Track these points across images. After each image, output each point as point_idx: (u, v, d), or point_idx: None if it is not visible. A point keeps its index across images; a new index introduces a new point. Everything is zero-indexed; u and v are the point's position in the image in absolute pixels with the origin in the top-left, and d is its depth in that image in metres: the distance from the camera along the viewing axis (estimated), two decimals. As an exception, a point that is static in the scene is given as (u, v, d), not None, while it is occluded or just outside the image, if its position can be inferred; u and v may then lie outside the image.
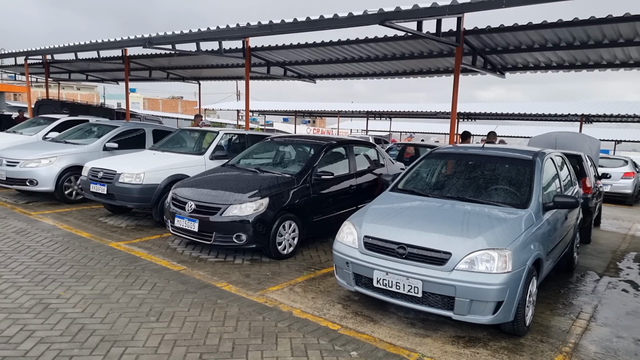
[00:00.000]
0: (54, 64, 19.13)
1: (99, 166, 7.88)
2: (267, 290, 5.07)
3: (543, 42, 8.88)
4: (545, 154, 5.42)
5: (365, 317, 4.49)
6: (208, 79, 18.02)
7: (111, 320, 4.15)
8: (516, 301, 3.93)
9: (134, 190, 7.36)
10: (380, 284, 4.21)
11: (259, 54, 12.09)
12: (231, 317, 4.33)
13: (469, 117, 26.27)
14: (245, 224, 5.83)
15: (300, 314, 4.48)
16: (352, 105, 27.12)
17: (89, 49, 12.01)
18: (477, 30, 8.55)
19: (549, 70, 10.58)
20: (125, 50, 14.89)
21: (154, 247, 6.55)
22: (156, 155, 8.39)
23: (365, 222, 4.57)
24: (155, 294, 4.78)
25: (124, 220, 8.10)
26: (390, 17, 6.32)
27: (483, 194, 4.90)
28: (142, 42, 9.63)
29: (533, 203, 4.59)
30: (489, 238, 4.01)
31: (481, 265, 3.87)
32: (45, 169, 8.86)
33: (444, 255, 3.96)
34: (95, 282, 5.04)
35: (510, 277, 3.84)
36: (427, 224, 4.34)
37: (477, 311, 3.87)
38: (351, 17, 6.45)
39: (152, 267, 5.62)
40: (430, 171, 5.68)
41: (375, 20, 6.35)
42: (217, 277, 5.44)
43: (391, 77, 12.93)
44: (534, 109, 22.50)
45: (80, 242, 6.51)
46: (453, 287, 3.86)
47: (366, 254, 4.35)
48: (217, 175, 6.79)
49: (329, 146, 7.16)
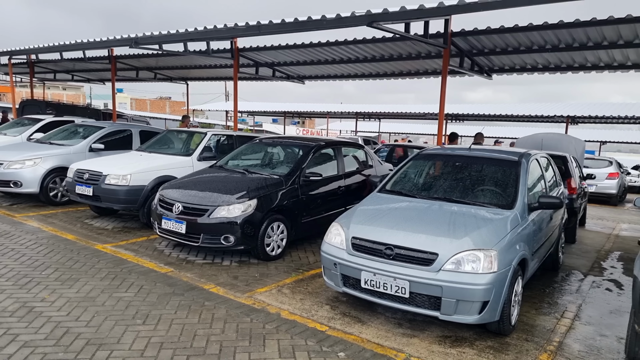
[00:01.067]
0: (39, 64, 18.91)
1: (84, 167, 7.80)
2: (255, 292, 5.06)
3: (529, 44, 8.98)
4: (531, 155, 5.48)
5: (353, 317, 4.51)
6: (196, 79, 17.93)
7: (96, 323, 4.11)
8: (502, 301, 3.97)
9: (121, 191, 7.30)
10: (368, 284, 4.23)
11: (247, 54, 12.07)
12: (219, 319, 4.31)
13: (457, 118, 26.47)
14: (233, 226, 5.81)
15: (289, 315, 4.47)
16: (341, 106, 27.18)
17: (75, 49, 11.89)
18: (464, 32, 8.62)
19: (535, 72, 10.70)
20: (112, 50, 14.77)
21: (140, 249, 6.50)
22: (143, 156, 8.32)
23: (353, 224, 4.58)
24: (141, 297, 4.75)
25: (110, 222, 8.03)
26: (378, 19, 6.35)
27: (470, 195, 4.94)
28: (129, 42, 9.55)
29: (519, 204, 4.64)
30: (475, 238, 4.04)
31: (467, 266, 3.91)
32: (30, 170, 8.74)
33: (431, 256, 3.98)
34: (81, 284, 4.99)
35: (496, 277, 3.88)
36: (414, 225, 4.37)
37: (463, 311, 3.90)
38: (339, 19, 6.46)
39: (138, 270, 5.58)
40: (417, 172, 5.71)
41: (363, 21, 6.38)
42: (204, 279, 5.41)
43: (380, 78, 12.98)
44: (521, 110, 22.78)
45: (65, 245, 6.43)
46: (440, 288, 3.89)
47: (354, 255, 4.36)
48: (205, 177, 6.77)
49: (318, 147, 7.16)
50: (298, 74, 13.85)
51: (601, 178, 15.07)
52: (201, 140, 8.52)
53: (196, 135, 8.84)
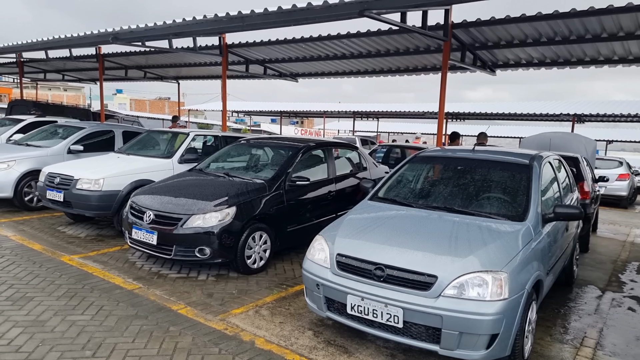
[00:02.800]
0: (28, 64, 18.32)
1: (55, 171, 7.20)
2: (230, 314, 4.45)
3: (537, 36, 8.34)
4: (543, 158, 4.85)
5: (339, 347, 3.89)
6: (187, 78, 17.32)
7: (39, 355, 3.50)
8: (513, 332, 3.35)
9: (93, 197, 6.69)
10: (354, 310, 3.61)
11: (236, 50, 11.45)
12: (182, 349, 3.70)
13: (457, 117, 25.80)
14: (210, 236, 5.21)
15: (264, 344, 3.86)
16: (338, 106, 26.52)
17: (58, 46, 11.27)
18: (466, 24, 7.99)
19: (542, 66, 10.06)
20: (99, 49, 14.19)
21: (110, 260, 5.90)
22: (120, 158, 7.72)
23: (338, 237, 3.96)
24: (98, 320, 4.14)
25: (84, 229, 7.43)
26: (371, 7, 5.72)
27: (474, 204, 4.32)
28: (108, 36, 8.93)
29: (531, 215, 4.01)
30: (481, 258, 3.42)
31: (472, 291, 3.29)
32: (3, 173, 8.16)
33: (429, 279, 3.36)
34: (33, 305, 4.39)
35: (507, 305, 3.26)
36: (409, 240, 3.75)
37: (467, 345, 3.28)
38: (327, 7, 5.83)
39: (102, 286, 4.97)
40: (414, 177, 5.09)
41: (354, 9, 5.75)
42: (175, 297, 4.81)
43: (376, 75, 12.33)
44: (524, 109, 22.05)
45: (29, 256, 5.84)
46: (439, 317, 3.27)
47: (339, 275, 3.75)
48: (181, 181, 6.16)
49: (306, 149, 6.55)
50: (291, 71, 13.22)
51: (611, 179, 14.39)
52: (183, 141, 7.91)
53: (179, 136, 8.23)
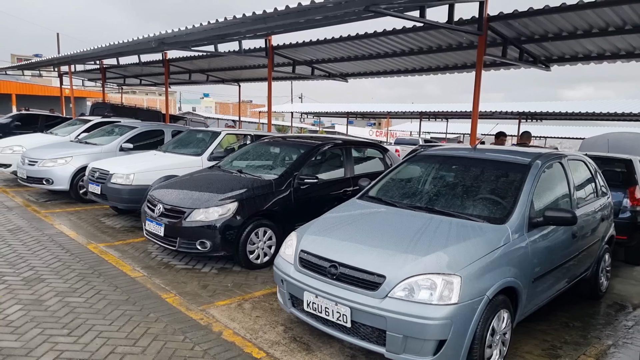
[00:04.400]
0: (110, 70, 19.95)
1: (97, 166, 7.81)
2: (212, 305, 4.56)
3: (587, 27, 7.64)
4: (551, 158, 4.45)
5: (302, 344, 3.85)
6: (247, 80, 17.91)
7: (23, 331, 3.83)
8: (467, 341, 3.11)
9: (124, 191, 7.19)
10: (310, 308, 3.56)
11: (282, 52, 11.66)
12: (149, 335, 3.87)
13: (533, 117, 24.19)
14: (210, 230, 5.38)
15: (230, 336, 3.92)
16: (402, 106, 25.98)
17: (108, 54, 12.11)
18: (503, 16, 7.50)
19: (603, 60, 9.19)
20: (165, 54, 15.11)
21: (130, 250, 6.28)
22: (157, 155, 8.20)
23: (306, 234, 3.93)
24: (90, 303, 4.44)
25: (122, 221, 7.96)
26: (378, 1, 5.56)
27: (458, 205, 4.07)
28: (154, 42, 9.49)
29: (514, 218, 3.70)
30: (436, 259, 3.23)
31: (421, 294, 3.11)
32: (61, 168, 8.98)
33: (378, 279, 3.23)
34: (42, 286, 4.80)
35: (457, 311, 3.04)
36: (371, 238, 3.63)
37: (413, 350, 3.10)
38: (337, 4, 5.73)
39: (110, 273, 5.32)
40: (408, 176, 4.89)
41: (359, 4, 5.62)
42: (170, 286, 5.02)
43: (426, 73, 11.98)
44: (621, 107, 19.38)
45: (62, 242, 6.38)
46: (384, 319, 3.13)
47: (300, 271, 3.71)
48: (196, 177, 6.41)
49: (318, 148, 6.53)
50: (340, 71, 13.19)
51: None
52: (214, 140, 8.22)
53: (212, 135, 8.56)
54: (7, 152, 10.69)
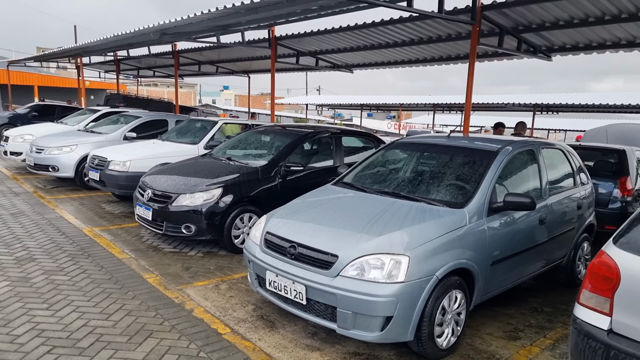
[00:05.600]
0: (124, 61, 20.32)
1: (97, 154, 8.07)
2: (190, 285, 4.75)
3: (583, 15, 7.53)
4: (521, 146, 4.48)
5: (267, 322, 4.00)
6: (257, 72, 18.05)
7: (6, 304, 4.07)
8: (415, 318, 3.22)
9: (120, 177, 7.43)
10: (271, 286, 3.71)
11: (286, 42, 11.74)
12: (123, 310, 4.06)
13: (548, 109, 23.74)
14: (195, 215, 5.56)
15: (200, 314, 4.09)
16: (415, 98, 25.82)
17: (115, 45, 12.30)
18: (497, 5, 7.44)
19: (606, 49, 9.03)
20: (175, 45, 15.35)
21: (123, 234, 6.51)
22: (155, 144, 8.42)
23: (273, 217, 4.07)
24: (74, 281, 4.66)
25: (122, 207, 8.21)
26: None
27: (423, 190, 4.15)
28: (157, 33, 9.68)
29: (473, 203, 3.77)
30: (385, 240, 3.33)
31: (371, 273, 3.22)
32: (66, 156, 9.29)
33: (330, 258, 3.35)
34: (31, 265, 5.04)
35: (404, 289, 3.14)
36: (331, 220, 3.75)
37: (362, 326, 3.22)
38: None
39: (99, 254, 5.54)
40: (382, 163, 4.98)
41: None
42: (154, 268, 5.22)
43: (430, 64, 11.94)
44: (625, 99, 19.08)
45: (59, 226, 6.64)
46: (334, 296, 3.25)
47: (264, 252, 3.86)
48: (186, 164, 6.60)
49: (306, 137, 6.65)
50: (345, 62, 13.21)
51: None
52: (210, 129, 8.41)
53: (209, 124, 8.75)
54: (19, 140, 11.09)
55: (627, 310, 2.28)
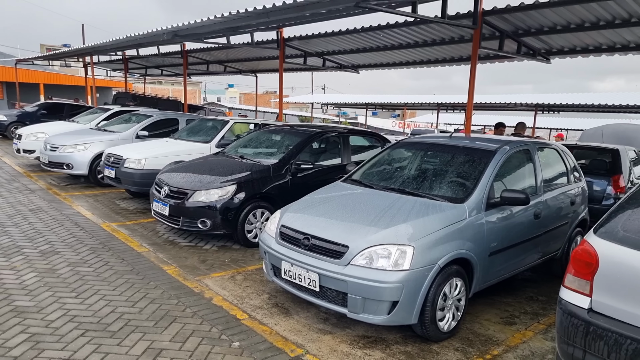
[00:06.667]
0: (132, 60, 20.65)
1: (112, 152, 8.38)
2: (208, 277, 5.06)
3: (578, 21, 7.83)
4: (518, 146, 4.79)
5: (282, 309, 4.31)
6: (264, 71, 18.36)
7: (37, 293, 4.37)
8: (419, 302, 3.53)
9: (136, 175, 7.74)
10: (286, 275, 4.02)
11: (294, 44, 12.05)
12: (147, 299, 4.38)
13: (550, 109, 24.00)
14: (210, 210, 5.87)
15: (219, 302, 4.41)
16: (419, 97, 26.10)
17: (126, 45, 12.61)
18: (497, 10, 7.75)
19: (602, 53, 9.33)
20: (184, 45, 15.66)
21: (140, 229, 6.83)
22: (168, 142, 8.74)
23: (288, 212, 4.38)
24: (97, 272, 4.98)
25: (136, 203, 8.54)
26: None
27: (427, 187, 4.45)
28: (169, 34, 9.98)
29: (473, 198, 4.08)
30: (393, 232, 3.64)
31: (379, 261, 3.53)
32: (80, 154, 9.62)
33: (342, 249, 3.67)
34: (55, 258, 5.35)
35: (409, 276, 3.45)
36: (341, 214, 4.07)
37: (370, 310, 3.54)
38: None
39: (119, 247, 5.86)
40: (388, 161, 5.29)
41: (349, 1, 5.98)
42: (172, 260, 5.53)
43: (433, 65, 12.22)
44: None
45: (78, 221, 6.96)
46: (345, 283, 3.56)
47: (280, 243, 4.17)
48: (200, 162, 6.91)
49: (315, 136, 6.96)
50: (351, 62, 13.52)
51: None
52: (222, 128, 8.72)
53: (220, 123, 9.06)
54: (32, 138, 11.43)
55: (605, 291, 2.59)
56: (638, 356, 2.43)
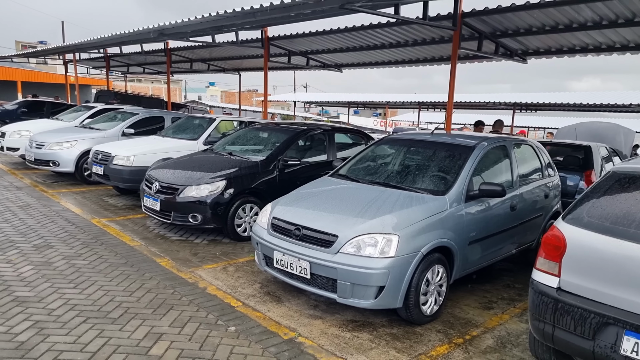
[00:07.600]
0: (114, 58, 20.54)
1: (100, 149, 8.47)
2: (200, 268, 5.25)
3: (553, 23, 8.20)
4: (495, 142, 5.09)
5: (274, 297, 4.53)
6: (247, 69, 18.49)
7: (35, 285, 4.51)
8: (403, 288, 3.78)
9: (124, 172, 7.85)
10: (278, 264, 4.24)
11: (278, 43, 12.25)
12: (144, 289, 4.55)
13: (527, 108, 24.65)
14: (201, 205, 6.04)
15: (213, 291, 4.60)
16: (401, 96, 26.55)
17: (110, 43, 12.64)
18: (476, 12, 8.08)
19: (576, 54, 9.74)
20: (167, 43, 15.69)
21: (130, 224, 6.96)
22: (156, 140, 8.85)
23: (279, 205, 4.59)
24: (93, 265, 5.12)
25: (124, 200, 8.64)
26: (352, 0, 6.16)
27: (410, 181, 4.72)
28: (154, 32, 10.09)
29: (453, 191, 4.36)
30: (378, 222, 3.89)
31: (366, 249, 3.78)
32: (66, 152, 9.66)
33: (331, 238, 3.90)
34: (50, 251, 5.47)
35: (394, 263, 3.71)
36: (331, 207, 4.30)
37: (358, 295, 3.78)
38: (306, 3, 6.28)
39: (111, 242, 6.00)
40: (373, 157, 5.54)
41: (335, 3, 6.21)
42: (165, 253, 5.70)
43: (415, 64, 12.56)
44: (615, 98, 19.40)
45: (68, 217, 7.06)
46: (335, 270, 3.80)
47: (272, 235, 4.38)
48: (189, 159, 7.07)
49: (302, 133, 7.17)
50: (334, 62, 13.78)
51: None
52: (209, 125, 8.88)
53: (206, 121, 9.21)
54: (16, 136, 11.39)
55: (572, 271, 2.87)
56: (600, 328, 2.72)
